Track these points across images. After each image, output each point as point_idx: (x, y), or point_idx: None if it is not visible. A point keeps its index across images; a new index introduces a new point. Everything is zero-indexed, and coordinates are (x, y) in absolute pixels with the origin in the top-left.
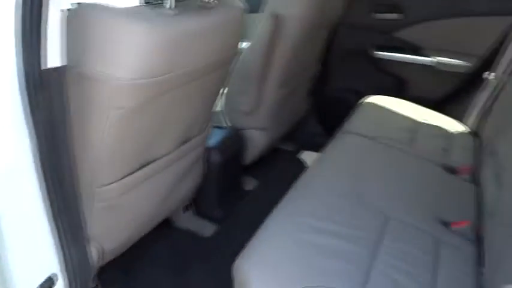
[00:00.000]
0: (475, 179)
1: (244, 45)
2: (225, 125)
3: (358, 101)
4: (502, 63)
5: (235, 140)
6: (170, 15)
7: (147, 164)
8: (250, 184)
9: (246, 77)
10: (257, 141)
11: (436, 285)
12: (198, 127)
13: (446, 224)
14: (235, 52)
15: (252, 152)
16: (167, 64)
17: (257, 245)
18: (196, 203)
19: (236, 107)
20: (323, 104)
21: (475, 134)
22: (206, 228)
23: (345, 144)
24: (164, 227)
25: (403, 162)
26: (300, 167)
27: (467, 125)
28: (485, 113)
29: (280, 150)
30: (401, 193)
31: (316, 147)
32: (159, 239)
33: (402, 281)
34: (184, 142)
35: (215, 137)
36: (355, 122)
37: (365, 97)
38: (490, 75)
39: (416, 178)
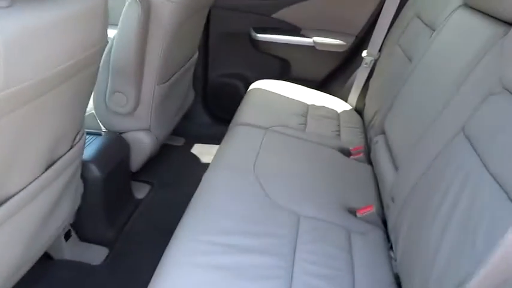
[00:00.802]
0: (369, 159)
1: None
2: (102, 130)
3: (244, 86)
4: (374, 41)
5: (116, 147)
6: None
7: None
8: (142, 191)
9: (119, 73)
10: (143, 143)
11: (354, 282)
12: (67, 142)
13: (353, 212)
14: (102, 46)
15: (139, 157)
16: (5, 75)
17: (161, 281)
18: (80, 227)
19: (112, 108)
20: (208, 92)
21: (359, 112)
22: (95, 255)
23: (239, 139)
24: (45, 262)
25: (301, 150)
26: (193, 162)
27: (351, 104)
28: (363, 90)
29: (168, 147)
30: (307, 185)
31: (206, 138)
32: (40, 279)
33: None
34: (50, 164)
35: (91, 147)
36: (246, 112)
37: (252, 84)
38: (364, 53)
39: (317, 166)
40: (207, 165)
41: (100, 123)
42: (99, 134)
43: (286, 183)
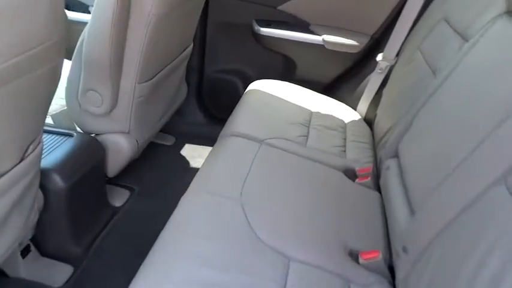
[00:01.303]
0: (377, 184)
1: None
2: (75, 130)
3: (243, 84)
4: (391, 44)
5: (89, 151)
6: None
7: None
8: (120, 198)
9: (92, 69)
10: (120, 147)
11: None
12: (12, 155)
13: (354, 256)
14: (55, 43)
15: (117, 162)
16: None
17: None
18: (41, 241)
19: (85, 107)
20: (203, 88)
21: (368, 123)
22: (57, 274)
23: (228, 153)
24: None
25: (299, 171)
26: (181, 166)
27: (360, 113)
28: (375, 99)
29: (156, 146)
30: (301, 219)
31: (199, 138)
32: None
33: None
34: None
35: (57, 152)
36: (241, 119)
37: (251, 84)
38: (379, 57)
39: (316, 193)
40: (197, 170)
41: (75, 123)
42: (71, 135)
43: (277, 215)
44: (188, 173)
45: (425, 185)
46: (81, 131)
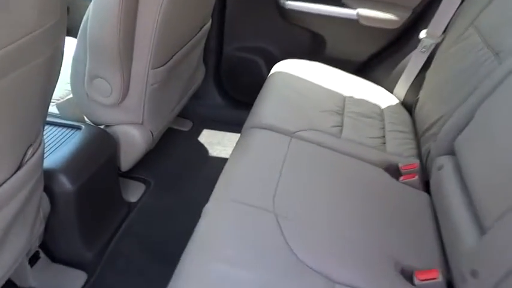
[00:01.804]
0: (423, 181)
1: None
2: (83, 120)
3: (266, 64)
4: (437, 19)
5: (99, 146)
6: None
7: None
8: (135, 193)
9: (99, 54)
10: (134, 139)
11: None
12: (8, 163)
13: (408, 275)
14: (59, 20)
15: (131, 155)
16: None
17: None
18: (51, 247)
19: (93, 97)
20: (222, 68)
21: (408, 108)
22: (70, 281)
23: (255, 150)
24: None
25: (337, 170)
26: (200, 154)
27: (398, 96)
28: (416, 82)
29: (172, 132)
30: (343, 231)
31: (218, 123)
32: None
33: None
34: None
35: (63, 150)
36: (266, 106)
37: (276, 64)
38: (422, 33)
39: (358, 198)
40: (216, 159)
41: (83, 114)
42: (79, 128)
43: (317, 229)
44: (207, 162)
45: (499, 195)
46: (90, 123)
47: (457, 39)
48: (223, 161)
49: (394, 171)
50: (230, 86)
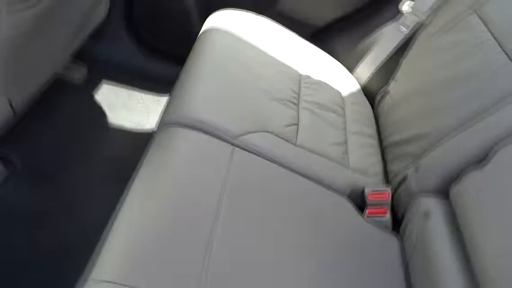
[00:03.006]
0: (395, 223)
1: None
2: None
3: (197, 11)
4: None
5: None
6: None
7: None
8: None
9: None
10: None
11: None
12: None
13: None
14: None
15: None
16: None
17: None
18: None
19: None
20: (135, 7)
21: (369, 98)
22: None
23: (180, 169)
24: None
25: (290, 206)
26: (93, 123)
27: (358, 78)
28: (386, 67)
29: (56, 84)
30: None
31: (124, 75)
32: None
33: None
34: None
35: None
36: (197, 91)
37: (210, 16)
38: (405, 6)
39: (312, 253)
40: (118, 132)
41: None
42: None
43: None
44: (104, 136)
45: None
46: None
47: (450, 25)
48: (128, 135)
49: (358, 198)
50: (145, 27)
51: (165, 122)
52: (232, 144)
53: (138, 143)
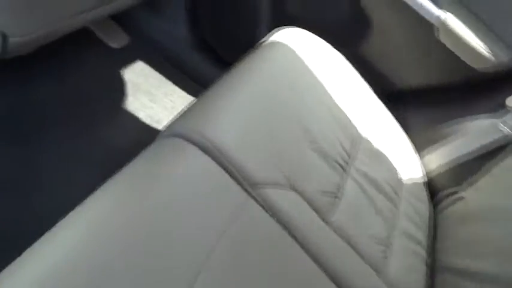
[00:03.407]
0: None
1: None
2: None
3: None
4: None
5: None
6: None
7: None
8: None
9: None
10: None
11: None
12: None
13: None
14: None
15: None
16: None
17: None
18: None
19: None
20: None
21: (433, 195)
22: None
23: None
24: None
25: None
26: (126, 97)
27: (427, 166)
28: (465, 168)
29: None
30: None
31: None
32: None
33: None
34: None
35: None
36: (221, 113)
37: (277, 31)
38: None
39: None
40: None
41: None
42: None
43: None
44: (107, 118)
45: None
46: None
47: None
48: (136, 125)
49: None
50: (206, 21)
51: (175, 130)
52: (247, 192)
53: (143, 139)
